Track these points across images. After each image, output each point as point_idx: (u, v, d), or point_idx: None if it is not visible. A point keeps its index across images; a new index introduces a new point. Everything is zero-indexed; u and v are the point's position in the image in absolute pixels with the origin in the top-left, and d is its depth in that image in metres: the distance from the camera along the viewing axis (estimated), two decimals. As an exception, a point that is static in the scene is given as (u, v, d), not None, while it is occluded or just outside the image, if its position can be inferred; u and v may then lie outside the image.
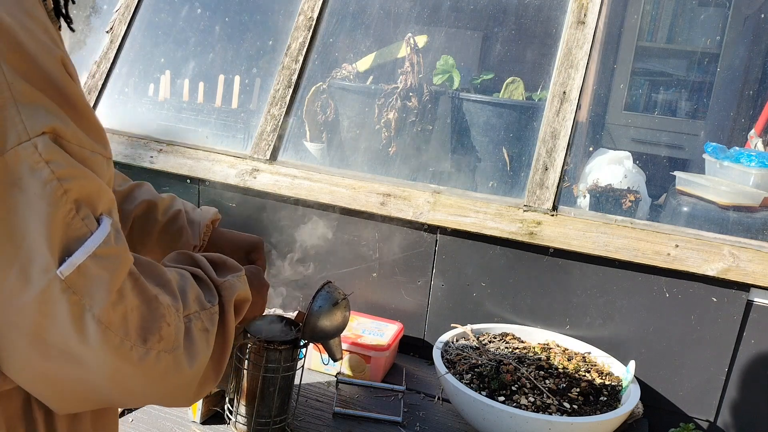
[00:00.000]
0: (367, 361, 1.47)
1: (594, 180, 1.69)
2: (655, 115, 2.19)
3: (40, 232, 0.60)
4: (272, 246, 1.74)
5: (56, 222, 0.61)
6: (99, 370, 0.66)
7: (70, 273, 0.62)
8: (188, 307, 0.76)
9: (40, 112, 0.61)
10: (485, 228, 1.54)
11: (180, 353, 0.72)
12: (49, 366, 0.65)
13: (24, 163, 0.59)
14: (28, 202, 0.60)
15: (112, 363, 0.66)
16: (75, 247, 0.63)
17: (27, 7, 0.62)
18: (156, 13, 2.14)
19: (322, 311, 1.20)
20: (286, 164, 1.78)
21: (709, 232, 1.46)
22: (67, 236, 0.62)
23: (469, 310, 1.61)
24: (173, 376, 0.72)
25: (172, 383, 0.73)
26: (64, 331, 0.63)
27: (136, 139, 1.92)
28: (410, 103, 1.81)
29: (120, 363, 0.66)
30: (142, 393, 0.73)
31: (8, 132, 0.58)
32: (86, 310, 0.63)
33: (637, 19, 2.19)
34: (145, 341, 0.68)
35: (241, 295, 0.87)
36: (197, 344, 0.75)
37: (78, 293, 0.62)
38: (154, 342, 0.68)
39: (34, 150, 0.60)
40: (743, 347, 1.41)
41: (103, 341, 0.64)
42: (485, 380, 1.31)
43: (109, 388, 0.69)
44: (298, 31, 1.90)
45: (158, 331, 0.69)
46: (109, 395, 0.70)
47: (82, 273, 0.63)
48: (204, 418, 1.27)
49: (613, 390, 1.33)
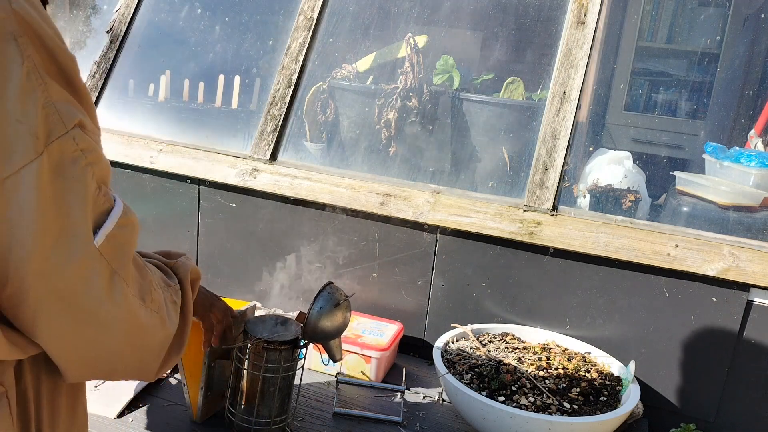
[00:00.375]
0: (367, 361, 1.47)
1: (594, 180, 1.69)
2: (655, 115, 2.19)
3: (80, 209, 0.71)
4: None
5: (89, 199, 0.72)
6: (116, 328, 0.77)
7: (103, 241, 0.74)
8: (160, 282, 0.89)
9: (70, 108, 0.71)
10: (485, 228, 1.54)
11: (164, 314, 0.85)
12: (78, 329, 0.75)
13: (65, 152, 0.70)
14: (69, 185, 0.70)
15: (128, 317, 0.78)
16: (102, 220, 0.74)
17: (39, 8, 0.70)
18: (156, 13, 2.14)
19: (323, 312, 1.20)
20: (286, 164, 1.78)
21: (709, 232, 1.46)
22: (95, 212, 0.74)
23: (469, 310, 1.61)
24: (161, 332, 0.85)
25: (156, 340, 0.86)
26: (97, 292, 0.74)
27: (136, 139, 1.92)
28: (410, 103, 1.81)
29: (132, 318, 0.79)
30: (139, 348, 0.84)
31: (51, 127, 0.68)
32: (114, 272, 0.75)
33: (637, 19, 2.19)
34: (144, 300, 0.81)
35: (193, 272, 1.00)
36: (171, 312, 0.88)
37: (108, 258, 0.74)
38: (149, 301, 0.82)
39: (72, 141, 0.70)
40: (743, 347, 1.41)
41: (124, 297, 0.77)
42: (485, 380, 1.31)
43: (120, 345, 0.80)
44: (298, 31, 1.90)
45: (150, 293, 0.83)
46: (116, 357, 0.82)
47: (111, 241, 0.75)
48: (204, 419, 1.27)
49: (613, 390, 1.33)
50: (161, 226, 1.90)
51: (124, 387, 1.33)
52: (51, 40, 0.69)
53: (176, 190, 1.87)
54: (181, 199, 1.87)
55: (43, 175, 0.68)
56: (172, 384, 1.39)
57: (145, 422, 1.25)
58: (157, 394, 1.35)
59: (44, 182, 0.68)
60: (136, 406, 1.30)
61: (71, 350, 0.77)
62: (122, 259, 0.77)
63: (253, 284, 1.84)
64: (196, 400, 1.25)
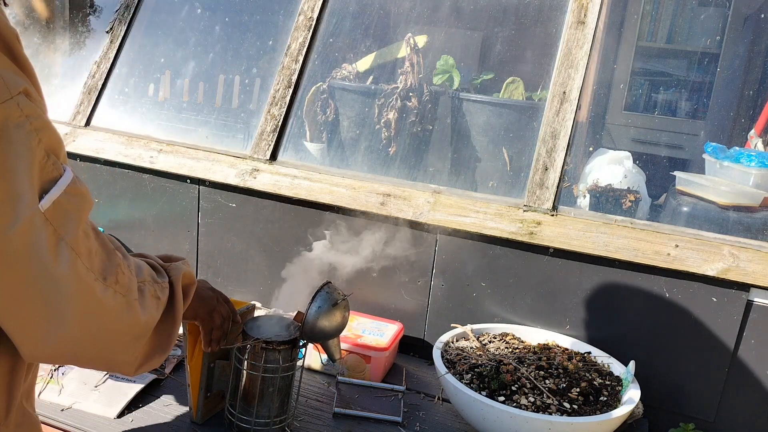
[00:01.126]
0: (367, 361, 1.47)
1: (594, 180, 1.69)
2: (655, 115, 2.19)
3: (25, 173, 0.73)
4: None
5: (35, 165, 0.75)
6: (66, 296, 0.78)
7: (49, 206, 0.76)
8: (142, 277, 0.92)
9: (15, 77, 0.74)
10: (485, 228, 1.54)
11: (133, 299, 0.87)
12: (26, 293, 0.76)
13: (9, 117, 0.72)
14: (14, 149, 0.72)
15: (80, 289, 0.80)
16: (49, 187, 0.76)
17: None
18: (156, 13, 2.14)
19: (321, 312, 1.20)
20: (286, 164, 1.78)
21: (709, 232, 1.46)
22: (42, 178, 0.76)
23: (469, 310, 1.61)
24: (126, 316, 0.86)
25: (124, 324, 0.86)
26: (43, 256, 0.75)
27: (136, 139, 1.93)
28: (410, 103, 1.81)
29: (86, 291, 0.80)
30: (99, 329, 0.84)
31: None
32: (60, 238, 0.77)
33: (637, 19, 2.19)
34: (105, 279, 0.83)
35: (187, 276, 1.02)
36: (149, 304, 0.90)
37: (54, 224, 0.77)
38: (112, 282, 0.83)
39: (16, 106, 0.72)
40: (743, 347, 1.41)
41: (72, 265, 0.78)
42: (485, 380, 1.31)
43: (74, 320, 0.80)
44: (298, 31, 1.90)
45: (115, 275, 0.84)
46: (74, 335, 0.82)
47: (57, 207, 0.77)
48: (204, 419, 1.27)
49: (613, 390, 1.32)
50: (161, 226, 1.90)
51: (124, 387, 1.33)
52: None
53: (176, 190, 1.87)
54: (181, 199, 1.87)
55: None
56: (172, 384, 1.39)
57: (145, 422, 1.25)
58: (157, 394, 1.35)
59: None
60: (136, 406, 1.30)
61: (23, 320, 0.78)
62: (69, 226, 0.78)
63: (252, 284, 1.84)
64: (196, 400, 1.25)
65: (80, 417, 1.25)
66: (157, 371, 1.41)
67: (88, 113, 2.03)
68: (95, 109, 2.04)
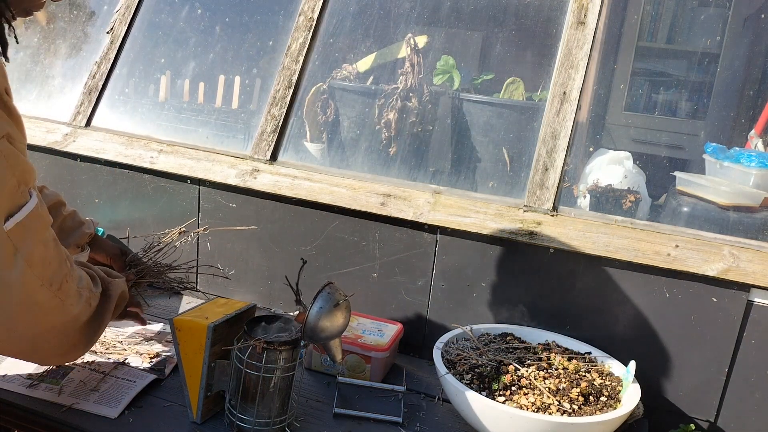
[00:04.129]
0: (367, 361, 1.47)
1: (594, 180, 1.69)
2: (655, 115, 2.19)
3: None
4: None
5: (5, 193, 0.95)
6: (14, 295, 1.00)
7: (12, 227, 0.97)
8: (82, 285, 1.14)
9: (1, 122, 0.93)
10: (485, 228, 1.54)
11: (69, 304, 1.09)
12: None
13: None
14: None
15: (25, 291, 1.01)
16: (15, 211, 0.97)
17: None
18: (156, 14, 2.14)
19: (322, 312, 1.20)
20: (286, 164, 1.78)
21: (709, 232, 1.46)
22: (11, 203, 0.97)
23: (469, 310, 1.61)
24: (57, 315, 1.08)
25: (53, 322, 1.09)
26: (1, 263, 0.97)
27: (136, 140, 1.93)
28: (410, 104, 1.81)
29: (31, 291, 1.02)
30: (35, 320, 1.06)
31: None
32: (17, 251, 0.99)
33: (637, 20, 2.19)
34: (51, 285, 1.05)
35: (123, 295, 1.30)
36: (81, 308, 1.14)
37: (13, 240, 0.98)
38: (56, 288, 1.06)
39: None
40: (743, 347, 1.41)
41: (23, 274, 0.99)
42: (485, 380, 1.31)
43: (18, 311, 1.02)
44: (299, 31, 1.90)
45: (60, 282, 1.06)
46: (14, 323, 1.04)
47: (20, 227, 0.98)
48: (204, 419, 1.27)
49: (613, 390, 1.33)
50: (161, 227, 1.90)
51: (124, 387, 1.34)
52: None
53: (176, 190, 1.87)
54: (182, 200, 1.87)
55: None
56: (172, 384, 1.39)
57: (145, 423, 1.25)
58: (157, 394, 1.35)
59: None
60: (137, 406, 1.30)
61: None
62: (26, 242, 1.00)
63: (253, 284, 1.84)
64: (196, 400, 1.25)
65: (80, 417, 1.25)
66: (157, 371, 1.41)
67: (88, 113, 2.03)
68: (96, 110, 2.04)
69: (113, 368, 1.40)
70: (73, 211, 1.49)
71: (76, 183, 1.99)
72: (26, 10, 1.06)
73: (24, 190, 0.99)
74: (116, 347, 1.51)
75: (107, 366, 1.41)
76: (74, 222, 1.48)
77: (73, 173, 1.98)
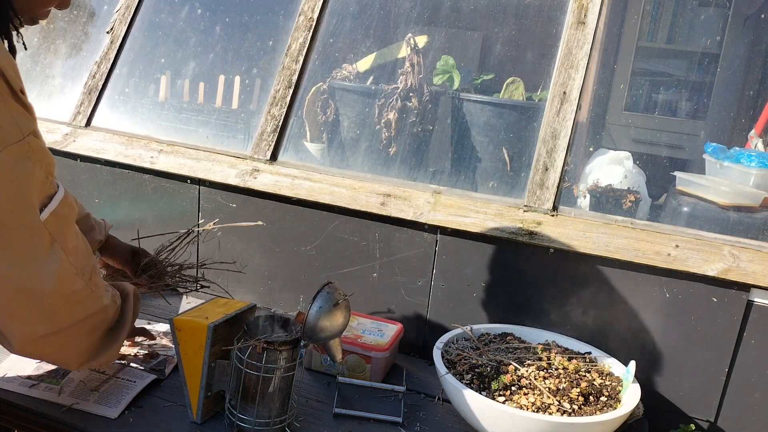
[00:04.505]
0: (367, 361, 1.47)
1: (594, 180, 1.69)
2: (655, 115, 2.19)
3: (30, 193, 0.99)
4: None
5: (38, 186, 1.00)
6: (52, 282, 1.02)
7: (47, 217, 1.02)
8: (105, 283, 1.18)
9: (26, 120, 0.99)
10: (485, 228, 1.54)
11: (100, 295, 1.13)
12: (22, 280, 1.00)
13: (20, 153, 0.98)
14: (25, 176, 0.98)
15: (63, 280, 1.04)
16: (47, 202, 1.02)
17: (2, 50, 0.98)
18: (156, 14, 2.14)
19: (322, 312, 1.20)
20: (286, 164, 1.78)
21: (709, 232, 1.46)
22: (42, 194, 1.02)
23: (469, 310, 1.61)
24: (91, 306, 1.11)
25: (89, 312, 1.11)
26: (39, 253, 1.01)
27: (136, 140, 1.93)
28: (410, 104, 1.81)
29: (69, 280, 1.05)
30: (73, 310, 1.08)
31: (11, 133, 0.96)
32: (54, 240, 1.03)
33: (637, 19, 2.19)
34: (83, 275, 1.09)
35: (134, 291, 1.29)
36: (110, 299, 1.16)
37: (50, 230, 1.02)
38: (88, 280, 1.09)
39: (27, 145, 0.99)
40: (743, 347, 1.41)
41: (61, 262, 1.03)
42: (485, 380, 1.31)
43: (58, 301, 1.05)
44: (299, 31, 1.90)
45: (90, 274, 1.10)
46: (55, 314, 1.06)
47: (54, 216, 1.03)
48: (204, 419, 1.27)
49: (613, 390, 1.33)
50: (162, 227, 1.90)
51: (124, 387, 1.34)
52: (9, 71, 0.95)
53: (176, 190, 1.87)
54: (182, 200, 1.87)
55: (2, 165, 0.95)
56: (172, 384, 1.39)
57: (145, 423, 1.25)
58: (157, 394, 1.35)
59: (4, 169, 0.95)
60: (137, 407, 1.30)
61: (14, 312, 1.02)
62: (61, 231, 1.04)
63: (253, 284, 1.84)
64: (196, 400, 1.25)
65: (80, 417, 1.25)
66: (157, 371, 1.41)
67: (88, 113, 2.03)
68: (96, 110, 2.04)
69: (114, 369, 1.40)
70: (87, 213, 1.49)
71: (76, 183, 1.99)
72: (33, 18, 1.10)
73: (52, 181, 1.04)
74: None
75: (108, 366, 1.41)
76: (86, 226, 1.47)
77: (73, 173, 1.98)
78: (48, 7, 1.10)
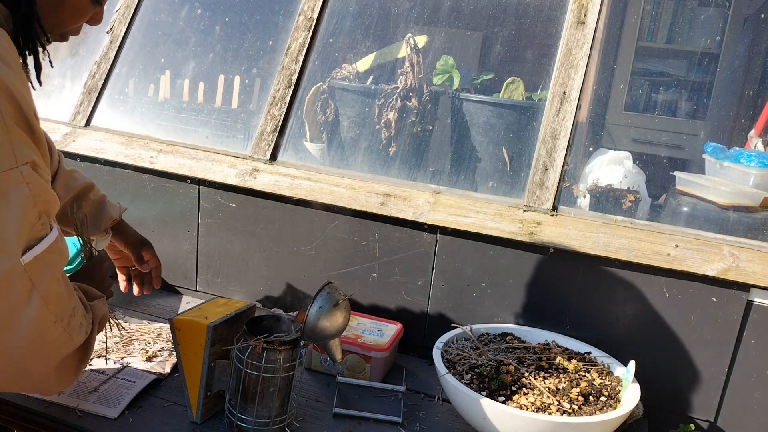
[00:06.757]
0: (367, 361, 1.47)
1: (594, 180, 1.69)
2: (655, 115, 2.19)
3: (14, 230, 0.88)
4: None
5: (26, 224, 0.89)
6: (26, 334, 0.93)
7: (29, 261, 0.90)
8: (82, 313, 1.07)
9: (26, 148, 0.89)
10: (485, 228, 1.54)
11: (75, 336, 1.03)
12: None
13: (12, 181, 0.87)
14: (10, 208, 0.87)
15: (38, 329, 0.94)
16: (34, 244, 0.91)
17: (16, 68, 0.89)
18: (156, 14, 2.14)
19: (322, 312, 1.20)
20: (286, 164, 1.78)
21: (709, 232, 1.46)
22: (30, 235, 0.90)
23: (469, 310, 1.61)
24: (64, 348, 1.02)
25: (61, 354, 1.02)
26: (15, 300, 0.90)
27: (136, 139, 1.93)
28: (410, 104, 1.81)
29: (44, 330, 0.95)
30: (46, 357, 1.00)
31: (3, 159, 0.86)
32: (34, 287, 0.92)
33: (637, 19, 2.19)
34: (62, 321, 0.99)
35: (103, 315, 1.17)
36: (80, 337, 1.06)
37: (31, 276, 0.91)
38: (65, 324, 1.00)
39: (19, 174, 0.88)
40: (743, 347, 1.41)
41: (38, 311, 0.93)
42: (485, 380, 1.31)
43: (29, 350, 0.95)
44: (298, 31, 1.90)
45: (69, 318, 1.01)
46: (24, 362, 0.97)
47: (38, 261, 0.91)
48: (204, 419, 1.27)
49: (613, 390, 1.33)
50: (161, 227, 1.90)
51: (124, 388, 1.33)
52: (21, 97, 0.87)
53: (176, 190, 1.87)
54: (181, 199, 1.87)
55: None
56: (172, 384, 1.39)
57: (145, 423, 1.25)
58: (157, 394, 1.35)
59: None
60: (137, 407, 1.30)
61: None
62: (44, 278, 0.93)
63: (253, 284, 1.84)
64: (196, 400, 1.25)
65: (80, 417, 1.25)
66: (157, 371, 1.41)
67: (88, 113, 2.03)
68: (95, 109, 2.04)
69: (114, 369, 1.40)
70: (103, 195, 1.46)
71: (75, 183, 1.98)
72: (62, 35, 1.04)
73: (45, 222, 0.93)
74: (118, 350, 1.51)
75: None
76: (102, 206, 1.44)
77: (73, 173, 1.98)
78: (79, 23, 1.04)
